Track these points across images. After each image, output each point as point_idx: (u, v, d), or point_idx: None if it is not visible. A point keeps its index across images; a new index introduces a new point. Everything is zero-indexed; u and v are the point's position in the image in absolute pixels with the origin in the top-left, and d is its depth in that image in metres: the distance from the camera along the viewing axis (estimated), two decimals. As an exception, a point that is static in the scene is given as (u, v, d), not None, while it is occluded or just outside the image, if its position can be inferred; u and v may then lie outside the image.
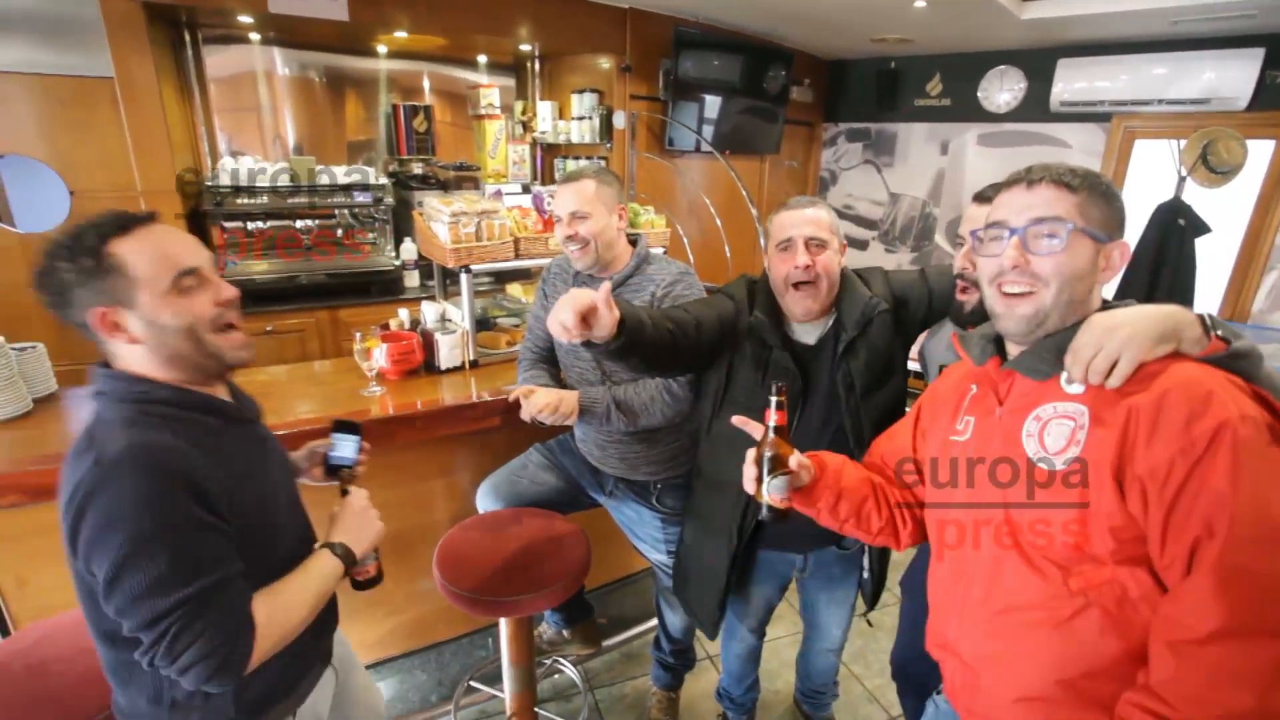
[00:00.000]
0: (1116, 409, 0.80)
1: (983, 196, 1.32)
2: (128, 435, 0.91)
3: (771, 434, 1.06)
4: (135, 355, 0.98)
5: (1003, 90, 4.49)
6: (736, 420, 1.15)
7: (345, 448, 1.30)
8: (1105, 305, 0.92)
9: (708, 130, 4.30)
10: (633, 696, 2.22)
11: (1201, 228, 3.54)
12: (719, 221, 3.88)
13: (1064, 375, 0.87)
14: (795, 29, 4.19)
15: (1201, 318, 0.83)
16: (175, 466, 0.91)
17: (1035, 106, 4.35)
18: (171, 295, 0.96)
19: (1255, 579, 0.71)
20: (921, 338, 1.61)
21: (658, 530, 1.85)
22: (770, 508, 1.08)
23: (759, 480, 1.07)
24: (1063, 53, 4.12)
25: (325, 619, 1.15)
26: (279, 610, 0.99)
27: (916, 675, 1.56)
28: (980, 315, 1.23)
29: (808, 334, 1.46)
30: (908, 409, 1.41)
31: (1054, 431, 0.86)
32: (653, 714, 2.10)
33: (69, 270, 0.92)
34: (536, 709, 1.84)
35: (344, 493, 1.24)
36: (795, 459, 1.07)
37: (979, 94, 4.59)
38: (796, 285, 1.38)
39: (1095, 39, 3.91)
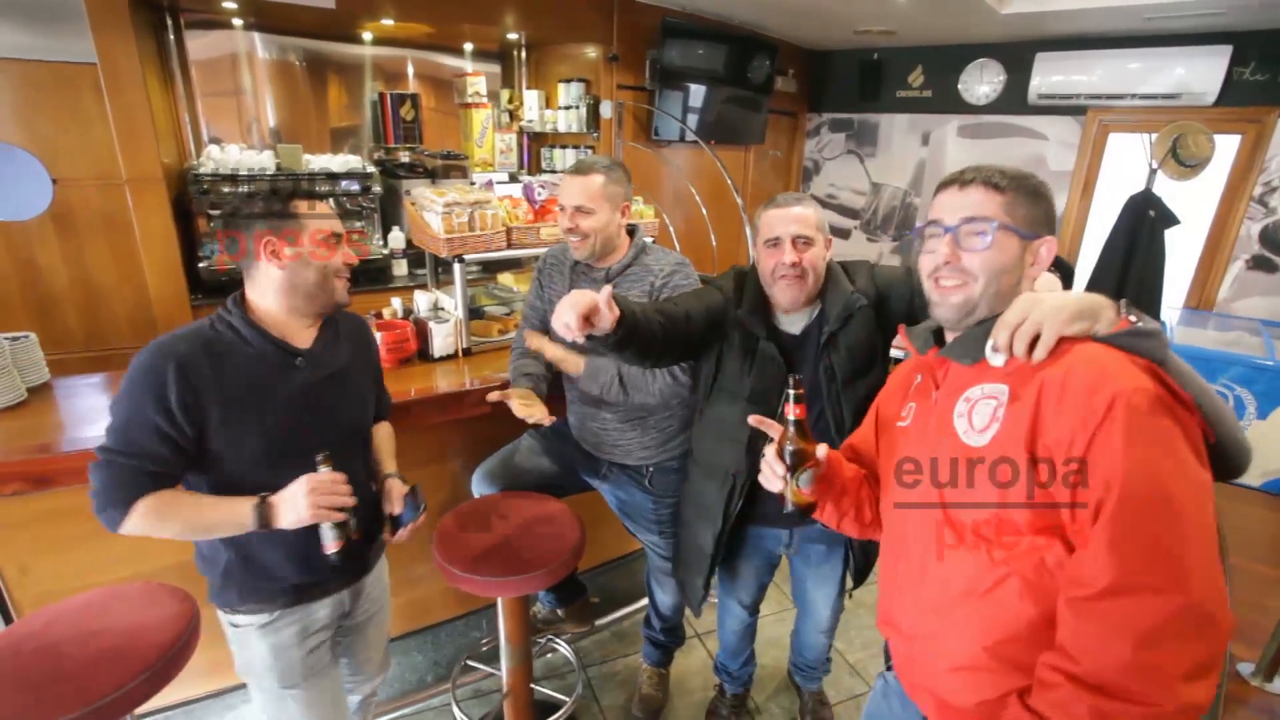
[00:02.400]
0: (1029, 386, 0.86)
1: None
2: (173, 337, 1.20)
3: (793, 429, 1.07)
4: (272, 264, 1.27)
5: (982, 83, 4.58)
6: (753, 420, 1.15)
7: (407, 509, 1.46)
8: None
9: (693, 120, 4.34)
10: (624, 673, 2.29)
11: (1170, 219, 3.66)
12: (704, 211, 3.93)
13: (989, 344, 0.91)
14: (779, 20, 4.23)
15: (1116, 303, 0.88)
16: (166, 379, 1.16)
17: (1014, 99, 4.44)
18: (313, 246, 1.30)
19: (1141, 538, 0.76)
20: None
21: (650, 511, 1.91)
22: (796, 503, 1.08)
23: (785, 477, 1.07)
24: (1041, 47, 4.21)
25: (312, 570, 1.34)
26: (166, 516, 1.19)
27: None
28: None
29: (793, 324, 1.53)
30: None
31: (980, 411, 0.92)
32: (644, 690, 2.17)
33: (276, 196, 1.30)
34: (532, 685, 1.90)
35: (317, 467, 1.26)
36: (822, 449, 1.10)
37: (959, 86, 4.67)
38: (783, 276, 1.45)
39: (1072, 33, 4.00)
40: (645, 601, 2.21)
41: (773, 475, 1.10)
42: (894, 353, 1.51)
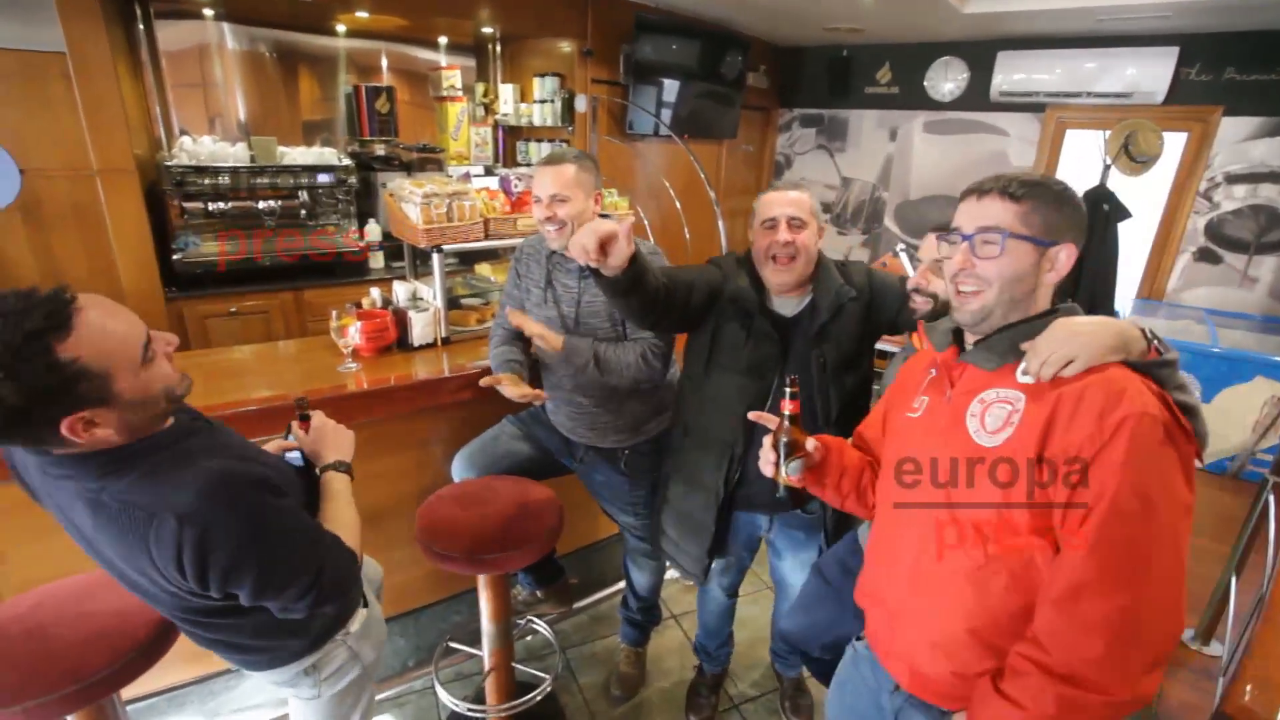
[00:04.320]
0: (1046, 397, 0.92)
1: (938, 228, 1.42)
2: (180, 481, 0.93)
3: (787, 422, 1.17)
4: (100, 439, 0.91)
5: (947, 80, 4.72)
6: (753, 416, 1.27)
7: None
8: (1055, 302, 1.03)
9: (666, 114, 4.40)
10: (603, 654, 2.36)
11: (1123, 213, 3.81)
12: (678, 204, 4.00)
13: (1021, 367, 0.96)
14: (751, 16, 4.31)
15: (1144, 332, 0.93)
16: (242, 478, 0.98)
17: (977, 96, 4.58)
18: (143, 370, 0.93)
19: (1119, 545, 0.84)
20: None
21: (625, 494, 1.97)
22: (788, 488, 1.19)
23: (776, 464, 1.17)
24: (1001, 46, 4.35)
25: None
26: (348, 534, 1.17)
27: (800, 646, 1.73)
28: (932, 320, 1.37)
29: (786, 307, 1.59)
30: (873, 400, 1.55)
31: (994, 414, 0.98)
32: (622, 668, 2.23)
33: (17, 394, 0.80)
34: (513, 665, 1.96)
35: (304, 418, 1.32)
36: (811, 442, 1.19)
37: (925, 83, 4.80)
38: (775, 258, 1.52)
39: (1030, 33, 4.14)
40: (622, 584, 2.28)
41: (767, 462, 1.19)
42: (881, 345, 1.53)
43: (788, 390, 1.16)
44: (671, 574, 2.71)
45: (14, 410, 0.81)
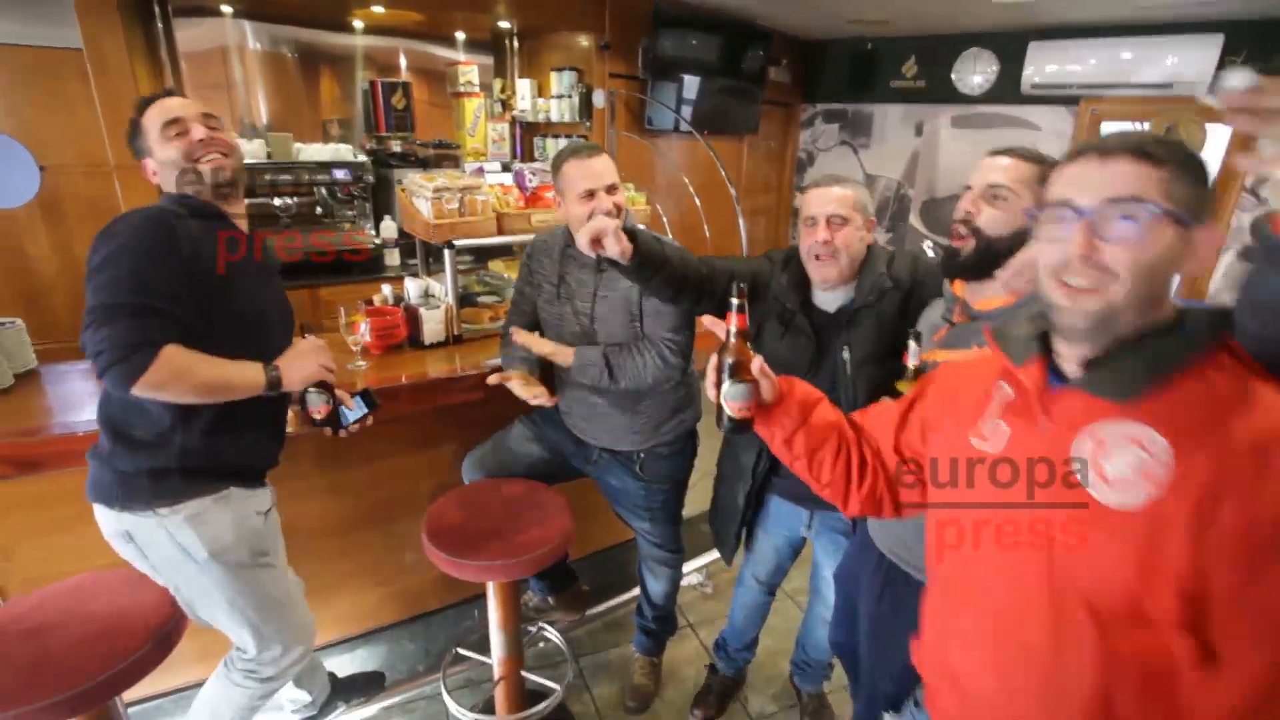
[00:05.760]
0: (1204, 442, 0.66)
1: (997, 151, 1.26)
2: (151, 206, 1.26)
3: (732, 339, 1.00)
4: (153, 175, 1.35)
5: (976, 72, 4.57)
6: (706, 320, 1.12)
7: (354, 413, 1.49)
8: (1180, 311, 0.75)
9: (686, 110, 4.32)
10: (617, 663, 2.29)
11: (1162, 209, 3.66)
12: (698, 201, 3.92)
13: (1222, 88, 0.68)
14: (773, 8, 4.21)
15: None
16: (175, 228, 1.22)
17: (1007, 89, 4.43)
18: (162, 140, 1.30)
19: None
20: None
21: (641, 498, 1.90)
22: (730, 418, 1.02)
23: (718, 385, 1.01)
24: (1033, 36, 4.20)
25: (264, 453, 1.45)
26: (189, 366, 1.19)
27: (852, 655, 1.59)
28: (969, 267, 1.20)
29: (830, 303, 1.56)
30: None
31: (1116, 460, 0.71)
32: (636, 679, 2.17)
33: (133, 134, 1.34)
34: (523, 674, 1.90)
35: (303, 335, 1.44)
36: (757, 365, 1.01)
37: (953, 76, 4.66)
38: (818, 256, 1.49)
39: (1065, 22, 3.99)
40: (637, 590, 2.21)
41: (710, 384, 1.03)
42: (910, 361, 1.28)
43: (735, 301, 1.00)
44: (688, 581, 2.63)
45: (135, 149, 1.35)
